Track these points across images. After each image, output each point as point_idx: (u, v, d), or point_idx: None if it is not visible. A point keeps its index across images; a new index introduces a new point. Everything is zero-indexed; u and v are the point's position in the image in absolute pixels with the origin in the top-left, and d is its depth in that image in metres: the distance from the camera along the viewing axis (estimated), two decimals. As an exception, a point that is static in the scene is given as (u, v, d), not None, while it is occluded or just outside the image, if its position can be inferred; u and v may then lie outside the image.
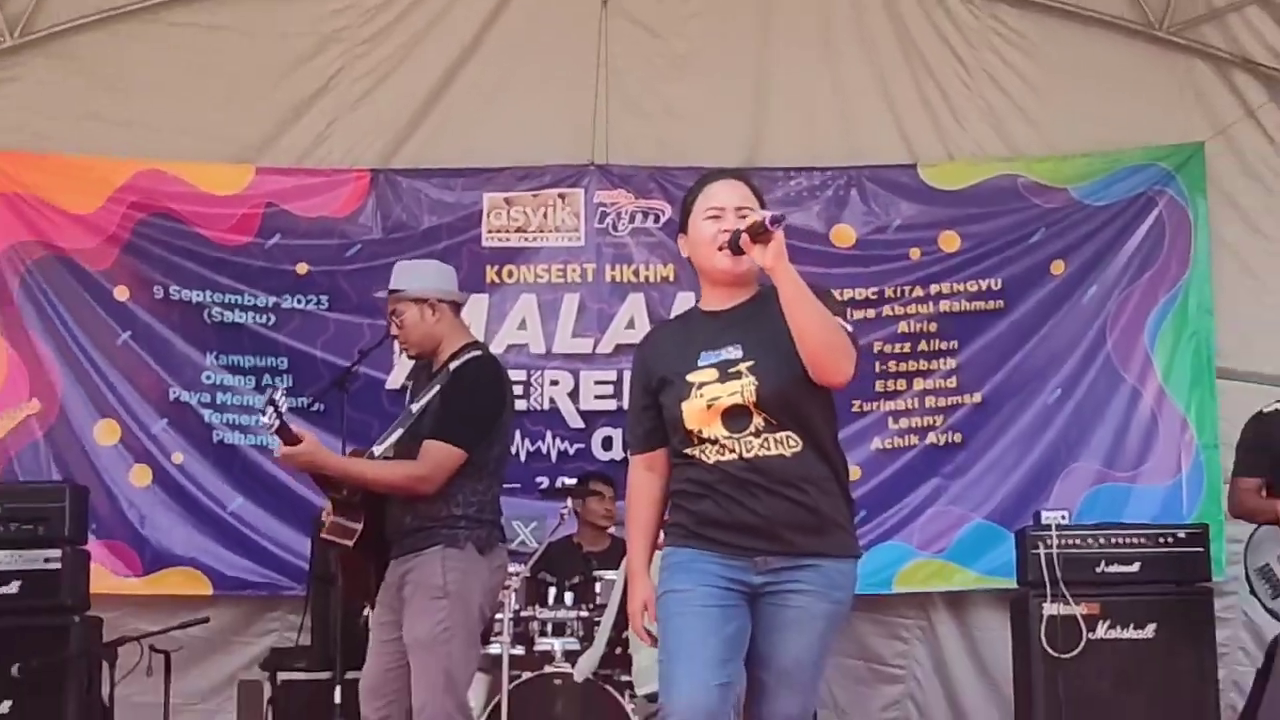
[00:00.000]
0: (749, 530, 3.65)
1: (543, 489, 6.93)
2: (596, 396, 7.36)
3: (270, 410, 4.57)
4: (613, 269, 7.44)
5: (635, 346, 4.11)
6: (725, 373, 3.69)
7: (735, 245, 3.66)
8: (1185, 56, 7.48)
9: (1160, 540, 6.42)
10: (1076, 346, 7.30)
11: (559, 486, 6.69)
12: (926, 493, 7.28)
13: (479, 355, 4.95)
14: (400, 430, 4.89)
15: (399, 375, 7.05)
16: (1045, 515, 6.48)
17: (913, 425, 7.34)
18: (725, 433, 3.67)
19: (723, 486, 3.67)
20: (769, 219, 3.59)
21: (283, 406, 4.57)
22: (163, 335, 7.25)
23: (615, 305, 7.41)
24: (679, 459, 3.77)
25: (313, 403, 6.78)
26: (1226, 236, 7.38)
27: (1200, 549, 6.41)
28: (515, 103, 7.42)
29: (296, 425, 4.73)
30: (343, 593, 5.29)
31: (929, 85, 7.50)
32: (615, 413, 7.24)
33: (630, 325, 7.31)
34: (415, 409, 4.89)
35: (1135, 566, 6.37)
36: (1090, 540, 6.39)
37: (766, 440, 3.65)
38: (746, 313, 3.78)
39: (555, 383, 7.37)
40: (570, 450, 7.33)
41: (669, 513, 3.83)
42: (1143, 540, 6.41)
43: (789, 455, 3.65)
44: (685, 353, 3.76)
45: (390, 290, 5.04)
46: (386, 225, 7.38)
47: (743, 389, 3.66)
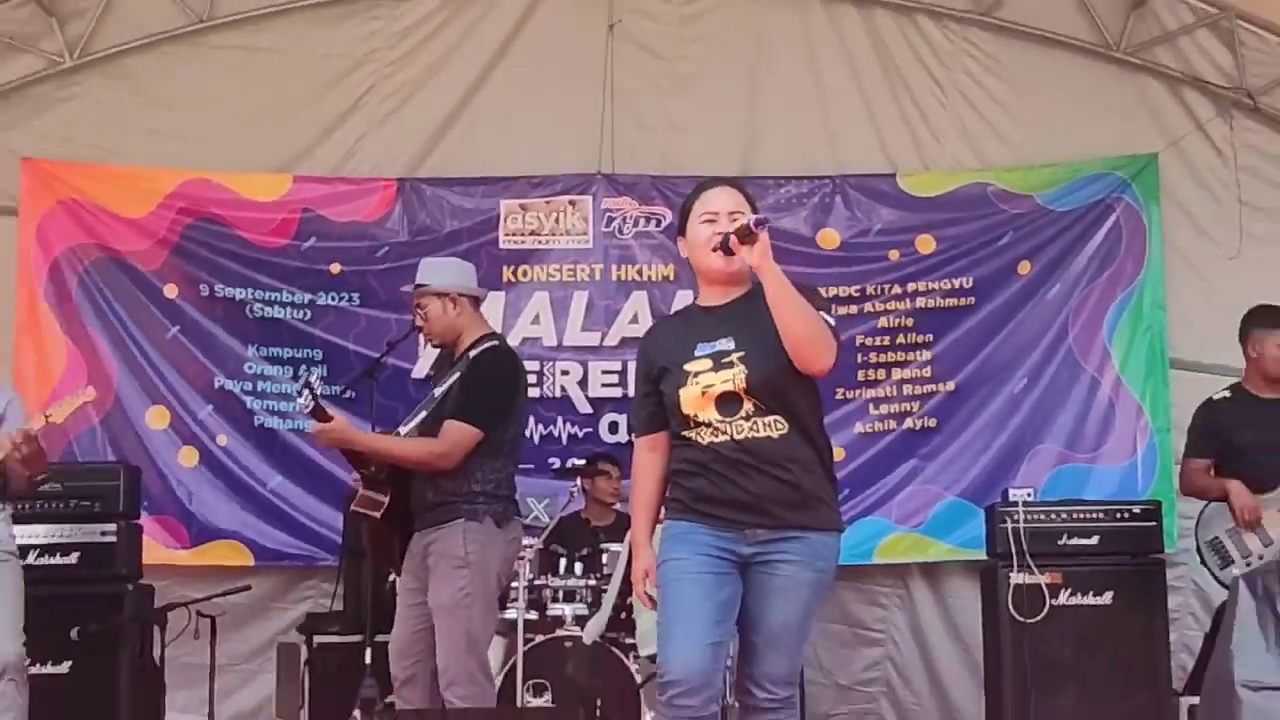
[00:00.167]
0: (739, 505, 3.68)
1: (554, 469, 6.91)
2: (604, 385, 7.36)
3: (305, 393, 4.62)
4: (618, 269, 7.44)
5: (639, 340, 4.13)
6: (719, 362, 3.71)
7: (726, 247, 3.69)
8: (1140, 75, 7.47)
9: (1117, 515, 6.40)
10: (1041, 339, 7.30)
11: (569, 467, 6.68)
12: (904, 472, 7.28)
13: (496, 345, 4.98)
14: (424, 413, 4.94)
15: (424, 365, 7.06)
16: (1012, 493, 6.47)
17: (892, 411, 7.34)
18: (718, 417, 3.70)
19: (716, 465, 3.70)
20: (754, 222, 3.63)
21: (317, 389, 4.64)
22: (208, 329, 7.25)
23: (620, 302, 7.41)
24: (678, 441, 3.79)
25: (345, 390, 6.77)
26: (1178, 240, 7.38)
27: (1154, 523, 6.39)
28: (529, 118, 7.43)
29: (329, 408, 4.76)
30: (371, 562, 5.30)
31: (907, 102, 7.50)
32: (621, 399, 7.25)
33: (634, 320, 7.31)
34: (437, 393, 4.93)
35: (1094, 539, 6.35)
36: (1053, 515, 6.38)
37: (756, 424, 3.68)
38: (739, 308, 3.80)
39: (566, 372, 7.38)
40: (580, 434, 7.34)
41: (669, 489, 3.85)
42: (1101, 515, 6.39)
43: (776, 437, 3.68)
44: (683, 345, 3.79)
45: (416, 285, 5.08)
46: (412, 229, 7.39)
47: (734, 377, 3.69)
